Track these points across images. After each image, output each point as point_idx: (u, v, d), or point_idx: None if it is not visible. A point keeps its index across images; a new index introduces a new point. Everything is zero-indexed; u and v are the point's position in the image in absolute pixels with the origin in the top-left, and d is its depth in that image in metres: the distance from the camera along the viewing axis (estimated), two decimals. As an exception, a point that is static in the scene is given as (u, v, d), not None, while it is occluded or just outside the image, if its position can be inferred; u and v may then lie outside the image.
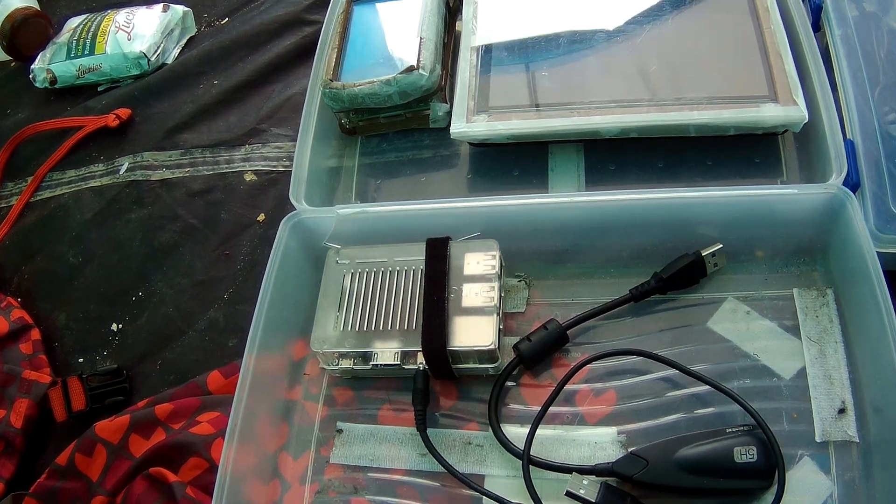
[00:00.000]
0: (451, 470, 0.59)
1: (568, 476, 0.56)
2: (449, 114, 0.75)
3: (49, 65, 1.02)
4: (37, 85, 1.03)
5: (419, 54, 0.75)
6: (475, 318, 0.62)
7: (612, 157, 0.74)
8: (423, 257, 0.65)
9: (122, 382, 0.75)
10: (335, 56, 0.78)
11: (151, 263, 0.83)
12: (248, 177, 0.86)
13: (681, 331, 0.64)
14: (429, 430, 0.61)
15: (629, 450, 0.57)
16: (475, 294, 0.63)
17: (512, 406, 0.63)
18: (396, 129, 0.81)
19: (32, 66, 1.03)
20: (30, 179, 0.95)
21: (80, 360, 0.79)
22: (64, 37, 1.03)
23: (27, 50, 1.06)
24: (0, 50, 1.07)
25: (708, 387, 0.58)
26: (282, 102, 0.91)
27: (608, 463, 0.56)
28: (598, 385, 0.62)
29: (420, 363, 0.62)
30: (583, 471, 0.56)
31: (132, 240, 0.85)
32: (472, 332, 0.61)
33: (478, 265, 0.64)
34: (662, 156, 0.73)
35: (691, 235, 0.65)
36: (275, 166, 0.86)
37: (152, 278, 0.82)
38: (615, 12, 0.77)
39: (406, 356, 0.62)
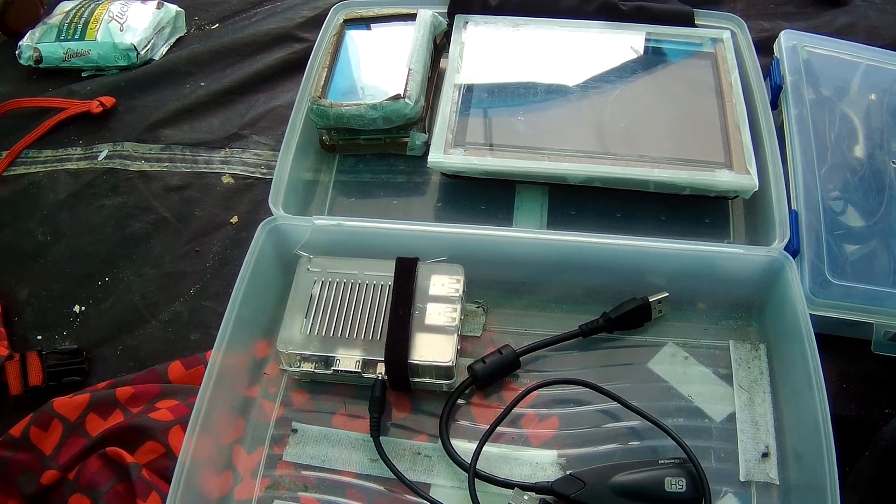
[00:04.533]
0: (399, 476, 0.62)
1: (510, 491, 0.60)
2: (426, 144, 0.80)
3: (37, 44, 1.03)
4: (21, 62, 1.04)
5: (406, 84, 0.79)
6: (436, 335, 0.66)
7: (574, 202, 0.79)
8: (392, 274, 0.69)
9: (80, 363, 0.76)
10: (325, 75, 0.82)
11: (121, 251, 0.84)
12: (226, 179, 0.89)
13: (623, 368, 0.69)
14: (382, 439, 0.65)
15: (568, 472, 0.61)
16: (438, 314, 0.67)
17: (462, 422, 0.67)
18: (374, 152, 0.85)
19: (20, 43, 1.04)
20: (4, 154, 0.95)
21: (39, 336, 0.79)
22: (55, 18, 1.05)
23: (16, 26, 1.08)
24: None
25: (645, 421, 0.63)
26: (265, 112, 0.95)
27: (547, 482, 0.60)
28: (544, 410, 0.67)
29: (380, 373, 0.65)
30: (524, 487, 0.60)
31: (104, 225, 0.86)
32: (433, 349, 0.65)
33: (443, 287, 0.69)
34: (621, 207, 0.78)
35: (640, 282, 0.71)
36: (252, 172, 0.89)
37: (121, 265, 0.83)
38: (592, 70, 0.83)
39: (367, 365, 0.66)
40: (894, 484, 0.62)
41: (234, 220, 0.85)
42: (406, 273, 0.69)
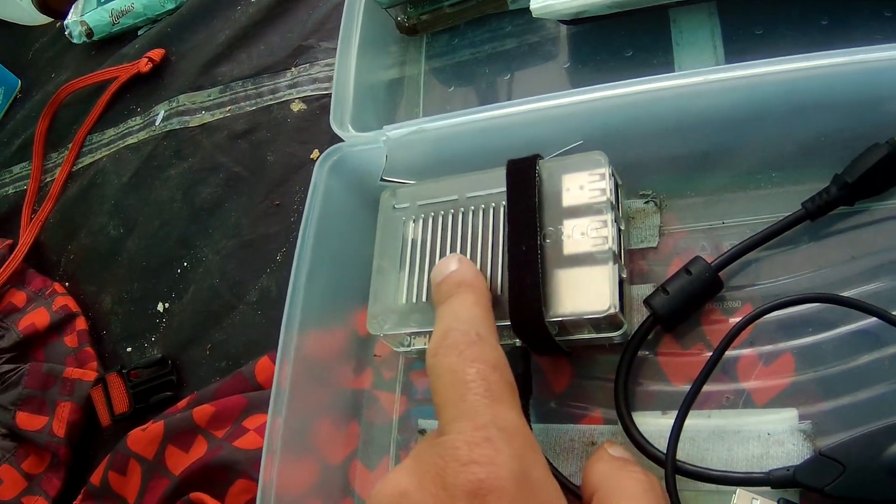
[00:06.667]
0: (567, 485, 0.42)
1: (730, 489, 0.38)
2: (532, -13, 0.57)
3: (82, 16, 0.90)
4: (74, 41, 0.92)
5: None
6: (583, 269, 0.43)
7: (757, 16, 0.53)
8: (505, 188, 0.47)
9: (167, 374, 0.63)
10: (380, -64, 0.61)
11: (194, 226, 0.69)
12: (297, 106, 0.70)
13: (880, 257, 0.44)
14: (536, 427, 0.45)
15: (816, 448, 0.39)
16: (581, 234, 0.44)
17: (647, 386, 0.45)
18: (468, 19, 0.64)
19: (66, 21, 0.92)
20: (70, 146, 0.83)
21: (129, 349, 0.67)
22: (93, -17, 0.91)
23: (58, 4, 0.95)
24: (39, 12, 0.97)
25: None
26: (332, 9, 0.74)
27: (788, 468, 0.38)
28: (769, 348, 0.43)
29: (516, 339, 0.45)
30: (752, 481, 0.39)
31: (172, 200, 0.72)
32: (581, 292, 0.42)
33: (581, 191, 0.45)
34: (825, 10, 0.52)
35: (882, 117, 0.44)
36: (326, 89, 0.69)
37: (196, 244, 0.68)
38: None
39: (497, 330, 0.45)
40: None
41: (315, 154, 0.66)
42: (522, 182, 0.46)
